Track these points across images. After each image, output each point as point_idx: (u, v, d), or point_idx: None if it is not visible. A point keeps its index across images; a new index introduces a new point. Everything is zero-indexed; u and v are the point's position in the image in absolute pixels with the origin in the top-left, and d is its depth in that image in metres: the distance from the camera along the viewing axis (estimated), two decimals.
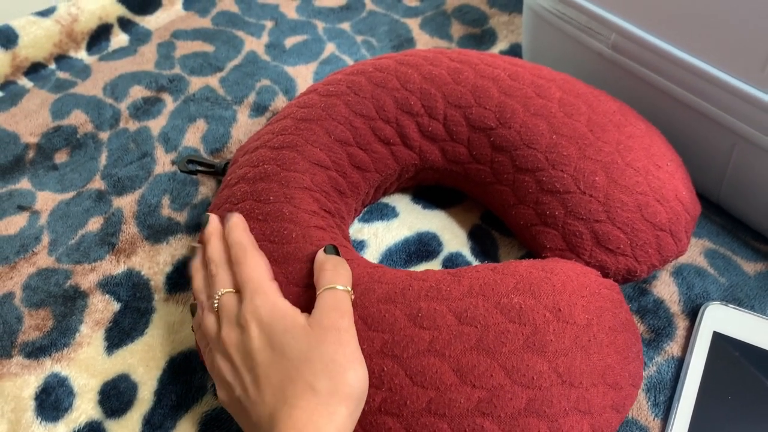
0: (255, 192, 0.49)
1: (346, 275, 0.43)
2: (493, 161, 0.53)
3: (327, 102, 0.54)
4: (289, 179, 0.50)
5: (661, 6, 0.52)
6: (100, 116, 0.70)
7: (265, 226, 0.47)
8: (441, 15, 0.83)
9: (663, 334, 0.50)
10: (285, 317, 0.39)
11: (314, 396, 0.35)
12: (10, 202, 0.62)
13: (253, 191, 0.49)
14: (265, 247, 0.46)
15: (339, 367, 0.37)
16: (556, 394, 0.39)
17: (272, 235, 0.47)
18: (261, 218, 0.48)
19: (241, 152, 0.55)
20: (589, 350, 0.40)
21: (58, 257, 0.57)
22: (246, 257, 0.43)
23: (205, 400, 0.48)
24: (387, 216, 0.59)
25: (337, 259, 0.44)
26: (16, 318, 0.53)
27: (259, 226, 0.47)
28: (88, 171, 0.65)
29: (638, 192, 0.48)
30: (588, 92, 0.53)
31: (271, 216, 0.48)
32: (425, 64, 0.55)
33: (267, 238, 0.47)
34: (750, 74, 0.48)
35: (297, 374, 0.36)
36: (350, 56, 0.77)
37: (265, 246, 0.46)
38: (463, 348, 0.40)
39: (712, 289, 0.53)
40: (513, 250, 0.57)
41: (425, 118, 0.54)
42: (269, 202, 0.48)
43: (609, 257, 0.48)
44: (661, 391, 0.47)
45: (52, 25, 0.76)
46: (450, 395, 0.39)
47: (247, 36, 0.81)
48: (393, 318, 0.41)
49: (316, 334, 0.38)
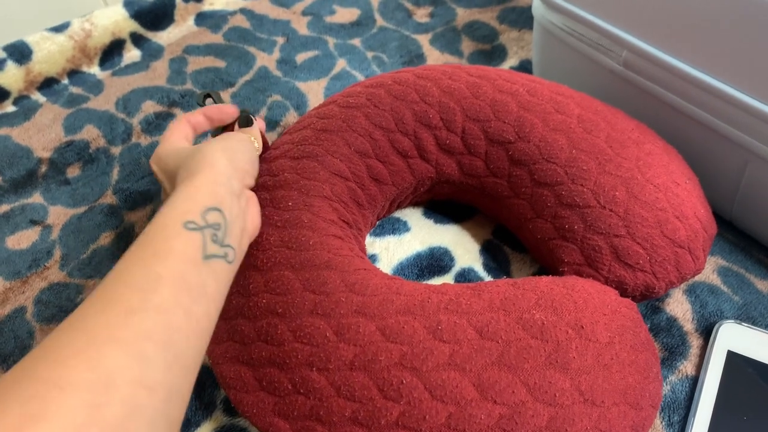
0: (274, 199, 0.49)
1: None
2: (510, 175, 0.53)
3: (347, 113, 0.54)
4: (309, 188, 0.50)
5: (672, 23, 0.52)
6: (112, 131, 0.71)
7: (284, 233, 0.47)
8: (451, 31, 0.84)
9: (676, 352, 0.50)
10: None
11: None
12: (22, 216, 0.63)
13: (272, 198, 0.49)
14: (282, 253, 0.46)
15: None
16: (578, 412, 0.38)
17: (290, 241, 0.47)
18: (280, 225, 0.48)
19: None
20: (611, 369, 0.40)
21: (69, 272, 0.57)
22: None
23: (216, 417, 0.48)
24: (399, 230, 0.59)
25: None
26: (27, 333, 0.53)
27: (278, 232, 0.47)
28: (100, 185, 0.65)
29: (658, 208, 0.48)
30: (605, 109, 0.53)
31: (289, 223, 0.48)
32: (444, 78, 0.56)
33: (285, 244, 0.46)
34: (763, 91, 0.48)
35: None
36: (361, 72, 0.78)
37: (282, 252, 0.46)
38: (484, 363, 0.39)
39: (726, 308, 0.52)
40: (525, 266, 0.56)
41: (443, 131, 0.54)
42: (288, 209, 0.48)
43: (628, 272, 0.47)
44: (676, 411, 0.47)
45: (66, 41, 0.77)
46: (470, 411, 0.38)
47: (258, 52, 0.81)
48: (412, 330, 0.41)
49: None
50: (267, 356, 0.43)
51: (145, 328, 0.32)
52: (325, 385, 0.40)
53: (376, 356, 0.40)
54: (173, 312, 0.33)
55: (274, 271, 0.45)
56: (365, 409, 0.39)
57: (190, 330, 0.34)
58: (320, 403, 0.40)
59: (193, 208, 0.37)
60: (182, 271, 0.35)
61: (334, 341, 0.41)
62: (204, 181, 0.39)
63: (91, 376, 0.29)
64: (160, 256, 0.34)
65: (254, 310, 0.44)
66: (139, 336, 0.31)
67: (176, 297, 0.34)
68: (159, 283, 0.33)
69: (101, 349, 0.30)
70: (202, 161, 0.41)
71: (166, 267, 0.34)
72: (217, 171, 0.40)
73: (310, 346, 0.41)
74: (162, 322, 0.32)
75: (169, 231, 0.36)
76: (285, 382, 0.41)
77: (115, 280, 0.33)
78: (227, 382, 0.44)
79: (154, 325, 0.32)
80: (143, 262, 0.34)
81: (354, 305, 0.43)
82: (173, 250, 0.35)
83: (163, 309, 0.33)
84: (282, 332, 0.43)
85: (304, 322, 0.42)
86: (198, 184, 0.39)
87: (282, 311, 0.43)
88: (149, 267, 0.34)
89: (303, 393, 0.41)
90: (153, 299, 0.33)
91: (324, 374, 0.40)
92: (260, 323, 0.44)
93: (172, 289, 0.34)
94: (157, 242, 0.35)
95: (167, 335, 0.32)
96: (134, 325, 0.31)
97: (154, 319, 0.32)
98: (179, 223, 0.36)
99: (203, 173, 0.40)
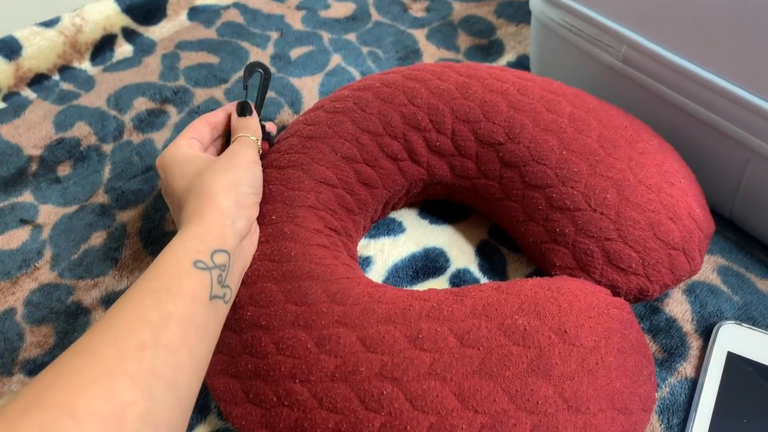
0: (261, 215, 0.49)
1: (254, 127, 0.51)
2: (502, 177, 0.52)
3: (333, 119, 0.54)
4: (294, 198, 0.50)
5: (672, 18, 0.51)
6: (103, 128, 0.70)
7: (267, 247, 0.47)
8: (447, 26, 0.83)
9: (676, 353, 0.49)
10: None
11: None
12: (12, 215, 0.62)
13: (259, 214, 0.49)
14: (265, 266, 0.46)
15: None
16: (562, 420, 0.37)
17: (272, 254, 0.46)
18: (263, 240, 0.48)
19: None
20: (596, 374, 0.39)
21: (60, 272, 0.57)
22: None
23: (210, 420, 0.47)
24: (393, 231, 0.58)
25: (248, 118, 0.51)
26: (17, 335, 0.52)
27: (261, 247, 0.47)
28: (91, 184, 0.64)
29: (650, 210, 0.47)
30: (599, 107, 0.52)
31: (272, 236, 0.48)
32: (433, 78, 0.55)
33: (267, 257, 0.46)
34: (764, 88, 0.47)
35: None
36: (356, 68, 0.77)
37: (265, 265, 0.46)
38: (465, 371, 0.39)
39: (726, 308, 0.51)
40: (521, 266, 0.56)
41: (433, 134, 0.53)
42: (272, 222, 0.48)
43: (620, 276, 0.47)
44: (675, 414, 0.46)
45: (56, 36, 0.76)
46: (451, 421, 0.37)
47: (252, 47, 0.80)
48: (392, 339, 0.40)
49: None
50: (252, 369, 0.42)
51: (154, 366, 0.33)
52: (307, 397, 0.40)
53: (356, 367, 0.40)
54: (180, 351, 0.35)
55: (258, 283, 0.45)
56: (347, 421, 0.38)
57: (192, 369, 0.36)
58: (304, 415, 0.40)
59: (203, 248, 0.39)
60: (190, 310, 0.36)
61: (315, 353, 0.41)
62: (211, 225, 0.41)
63: (105, 407, 0.30)
64: (172, 292, 0.36)
65: (240, 323, 0.44)
66: (150, 373, 0.33)
67: (183, 336, 0.35)
68: (169, 321, 0.35)
69: (115, 382, 0.31)
70: (207, 201, 0.42)
71: (176, 305, 0.36)
72: (224, 214, 0.42)
73: (293, 358, 0.41)
74: (171, 361, 0.34)
75: (181, 268, 0.37)
76: (270, 395, 0.41)
77: (127, 311, 0.35)
78: (217, 394, 0.44)
79: (164, 363, 0.34)
80: (157, 297, 0.36)
81: (335, 315, 0.42)
82: (184, 289, 0.37)
83: (172, 348, 0.34)
84: (266, 345, 0.42)
85: (286, 334, 0.42)
86: (207, 226, 0.41)
87: (265, 323, 0.43)
88: (162, 304, 0.35)
89: (287, 405, 0.40)
90: (163, 337, 0.34)
91: (306, 386, 0.40)
92: (246, 336, 0.44)
93: (181, 328, 0.35)
94: (169, 278, 0.37)
95: (174, 375, 0.34)
96: (146, 361, 0.33)
97: (164, 358, 0.34)
98: (190, 261, 0.38)
99: (210, 214, 0.41)
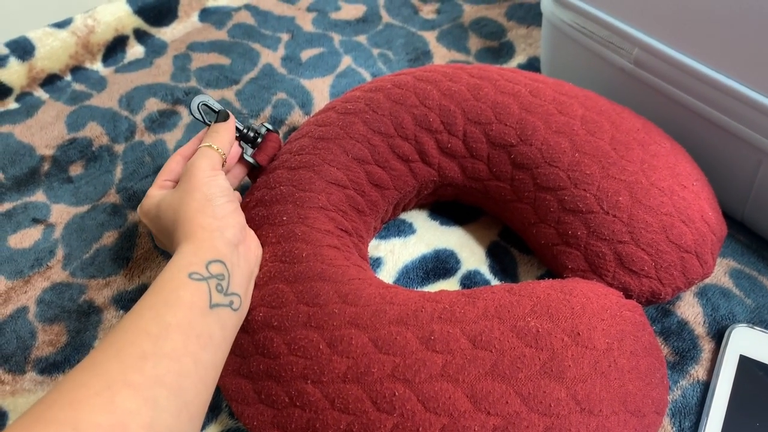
0: (270, 215, 0.49)
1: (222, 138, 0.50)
2: (513, 179, 0.52)
3: (345, 120, 0.54)
4: (304, 199, 0.50)
5: (685, 19, 0.51)
6: (115, 129, 0.70)
7: (278, 248, 0.47)
8: (458, 28, 0.83)
9: (688, 356, 0.49)
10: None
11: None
12: (24, 214, 0.62)
13: (269, 215, 0.49)
14: (276, 267, 0.46)
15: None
16: (575, 422, 0.37)
17: (284, 255, 0.46)
18: (274, 241, 0.48)
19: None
20: (609, 376, 0.39)
21: (72, 272, 0.57)
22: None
23: (221, 419, 0.47)
24: (404, 232, 0.58)
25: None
26: (29, 333, 0.53)
27: (272, 249, 0.47)
28: (103, 184, 0.65)
29: (663, 213, 0.47)
30: (611, 109, 0.52)
31: (283, 237, 0.48)
32: (444, 80, 0.55)
33: (279, 258, 0.46)
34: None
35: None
36: (366, 69, 0.77)
37: (276, 266, 0.46)
38: (477, 373, 0.39)
39: (738, 311, 0.51)
40: (532, 268, 0.56)
41: (444, 135, 0.53)
42: (282, 223, 0.48)
43: (632, 279, 0.47)
44: (687, 417, 0.46)
45: (69, 37, 0.77)
46: (464, 422, 0.37)
47: (263, 48, 0.80)
48: (404, 341, 0.40)
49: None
50: (264, 369, 0.43)
51: (157, 374, 0.33)
52: (319, 397, 0.40)
53: (368, 368, 0.40)
54: (183, 359, 0.35)
55: (270, 285, 0.45)
56: (359, 422, 0.39)
57: (198, 377, 0.36)
58: (316, 416, 0.40)
59: (196, 261, 0.40)
60: (190, 319, 0.37)
61: (327, 354, 0.41)
62: (201, 241, 0.41)
63: (108, 419, 0.30)
64: (169, 304, 0.37)
65: (252, 324, 0.44)
66: (152, 381, 0.33)
67: (186, 344, 0.36)
68: (169, 330, 0.35)
69: (116, 393, 0.31)
70: (189, 226, 0.43)
71: (175, 315, 0.36)
72: (209, 229, 0.42)
73: (305, 358, 0.41)
74: (174, 368, 0.34)
75: (176, 282, 0.38)
76: (282, 395, 0.41)
77: (127, 327, 0.35)
78: (229, 394, 0.44)
79: (167, 371, 0.34)
80: (155, 310, 0.36)
81: (347, 316, 0.42)
82: (181, 300, 0.37)
83: (174, 356, 0.35)
84: (278, 345, 0.43)
85: (298, 334, 0.42)
86: (198, 243, 0.41)
87: (277, 324, 0.43)
88: (160, 315, 0.36)
89: (299, 406, 0.40)
90: (165, 346, 0.35)
91: (318, 387, 0.40)
92: (258, 337, 0.44)
93: (182, 336, 0.36)
94: (166, 292, 0.37)
95: (178, 382, 0.34)
96: (148, 370, 0.33)
97: (166, 366, 0.34)
98: (184, 274, 0.38)
99: (196, 234, 0.42)
